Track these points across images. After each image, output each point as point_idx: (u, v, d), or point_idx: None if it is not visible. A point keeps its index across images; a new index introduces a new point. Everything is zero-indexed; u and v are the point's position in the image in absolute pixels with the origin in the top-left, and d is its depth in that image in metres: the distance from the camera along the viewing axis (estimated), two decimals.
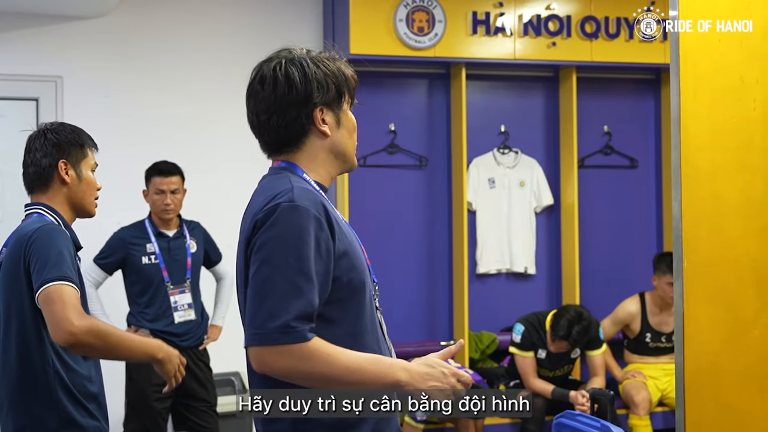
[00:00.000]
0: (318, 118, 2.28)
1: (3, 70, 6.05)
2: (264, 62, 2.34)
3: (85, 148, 3.12)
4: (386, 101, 6.66)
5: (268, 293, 2.08)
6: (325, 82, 2.29)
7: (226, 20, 6.47)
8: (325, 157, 2.33)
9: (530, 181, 6.89)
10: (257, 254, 2.12)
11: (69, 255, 2.88)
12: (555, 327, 5.78)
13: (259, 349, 2.08)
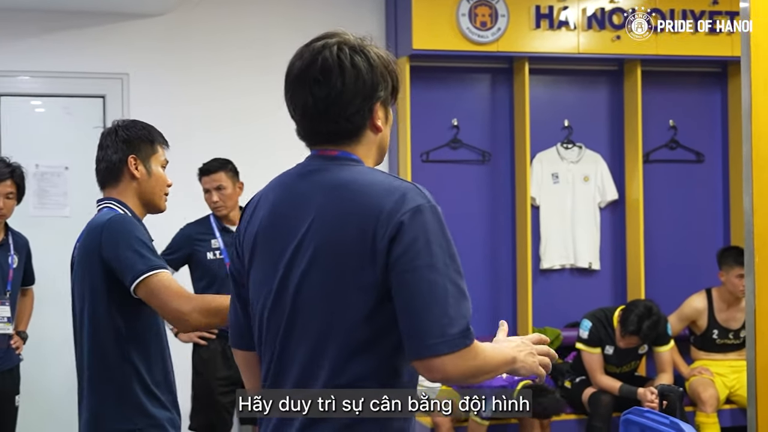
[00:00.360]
0: (377, 112, 2.14)
1: (71, 68, 6.14)
2: (319, 48, 2.17)
3: (155, 144, 3.13)
4: (449, 96, 6.64)
5: (442, 299, 1.97)
6: (386, 75, 2.16)
7: (288, 16, 6.49)
8: (374, 152, 2.20)
9: (594, 175, 6.83)
10: (416, 259, 1.97)
11: (146, 241, 2.91)
12: (625, 322, 5.73)
13: (441, 358, 1.97)
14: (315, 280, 2.04)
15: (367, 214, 2.01)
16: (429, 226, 2.00)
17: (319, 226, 2.05)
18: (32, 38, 6.10)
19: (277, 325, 2.09)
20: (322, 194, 2.07)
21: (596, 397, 5.88)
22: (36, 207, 6.00)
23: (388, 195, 2.02)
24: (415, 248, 1.98)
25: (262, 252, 2.14)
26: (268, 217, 2.14)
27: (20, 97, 6.18)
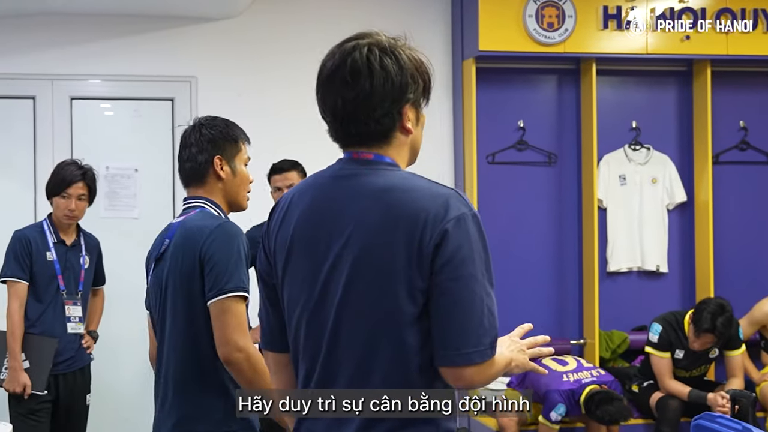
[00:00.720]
0: (407, 115, 2.14)
1: (140, 71, 6.21)
2: (349, 48, 2.17)
3: (239, 142, 3.12)
4: (515, 98, 6.62)
5: (479, 311, 2.01)
6: (416, 76, 2.13)
7: (354, 19, 6.50)
8: (405, 153, 2.22)
9: (662, 177, 6.76)
10: (458, 268, 2.00)
11: (245, 258, 2.92)
12: (698, 321, 5.64)
13: (472, 367, 2.02)
14: (361, 286, 2.04)
15: (413, 220, 2.02)
16: (472, 236, 2.04)
17: (363, 230, 2.05)
18: (102, 42, 6.18)
19: (320, 329, 2.08)
20: (364, 199, 2.08)
21: (664, 402, 5.81)
22: (107, 209, 6.08)
23: (432, 201, 2.04)
24: (459, 257, 2.00)
25: (300, 254, 2.12)
26: (304, 219, 2.13)
27: (91, 100, 6.27)
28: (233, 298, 2.85)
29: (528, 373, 5.83)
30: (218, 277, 2.86)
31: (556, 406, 5.58)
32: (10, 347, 4.71)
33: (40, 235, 4.84)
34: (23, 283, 4.75)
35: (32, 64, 6.08)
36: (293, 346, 2.17)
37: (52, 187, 4.81)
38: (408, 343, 2.02)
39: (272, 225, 2.21)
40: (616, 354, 6.60)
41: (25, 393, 4.69)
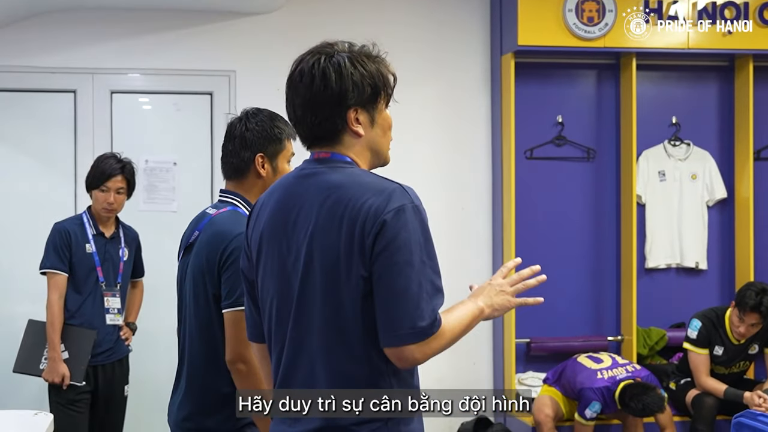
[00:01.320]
0: (351, 119, 2.29)
1: (179, 65, 6.24)
2: (304, 56, 2.34)
3: (283, 140, 3.08)
4: (554, 92, 6.59)
5: (415, 294, 2.15)
6: (360, 83, 2.28)
7: (394, 14, 6.51)
8: (363, 153, 2.34)
9: (702, 173, 6.70)
10: (395, 255, 2.15)
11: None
12: (742, 301, 5.61)
13: (410, 347, 2.16)
14: (315, 279, 2.22)
15: (357, 214, 2.18)
16: (410, 225, 2.17)
17: (317, 227, 2.23)
18: (142, 37, 6.22)
19: (286, 317, 2.27)
20: (319, 196, 2.25)
21: (700, 400, 5.77)
22: (146, 202, 6.12)
23: (376, 195, 2.19)
24: (395, 245, 2.16)
25: (268, 251, 2.32)
26: (271, 218, 2.33)
27: (131, 94, 6.31)
28: (238, 312, 2.84)
29: (564, 371, 5.82)
30: (233, 287, 2.87)
31: (591, 403, 5.56)
32: (49, 338, 4.76)
33: (80, 228, 4.88)
34: (63, 274, 4.80)
35: (73, 58, 6.13)
36: (267, 335, 2.36)
37: (92, 180, 4.84)
38: (355, 329, 2.20)
39: (249, 224, 2.42)
40: (653, 351, 6.56)
41: (64, 383, 4.74)
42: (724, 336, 5.78)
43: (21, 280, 6.02)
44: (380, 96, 2.33)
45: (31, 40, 6.06)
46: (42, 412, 3.56)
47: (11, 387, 5.76)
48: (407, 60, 6.46)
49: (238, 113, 3.16)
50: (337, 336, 2.21)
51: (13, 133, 6.16)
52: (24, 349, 4.95)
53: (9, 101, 6.14)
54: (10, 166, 6.13)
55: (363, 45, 2.37)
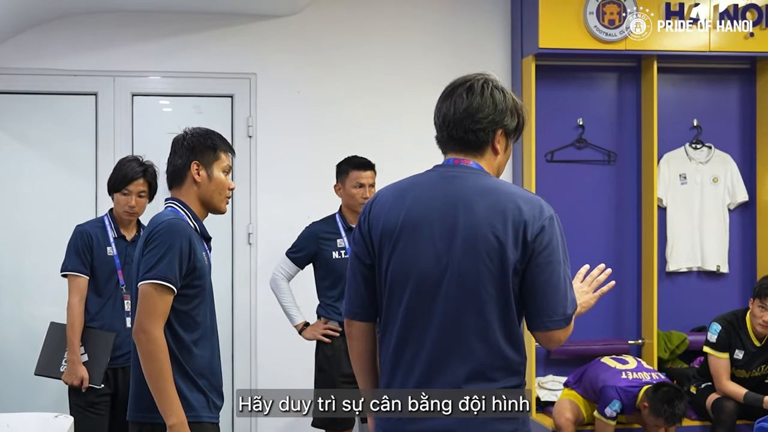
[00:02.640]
0: (499, 136, 2.69)
1: (200, 68, 6.26)
2: (468, 76, 2.71)
3: (218, 151, 3.39)
4: (574, 95, 6.57)
5: (564, 287, 2.59)
6: (515, 112, 2.73)
7: (415, 16, 6.51)
8: (492, 171, 2.71)
9: (724, 176, 6.67)
10: (552, 255, 2.56)
11: (180, 254, 3.18)
12: (761, 290, 5.60)
13: (559, 331, 2.61)
14: (469, 262, 2.55)
15: (519, 216, 2.56)
16: (558, 232, 2.61)
17: (472, 219, 2.56)
18: (163, 39, 6.24)
19: (415, 300, 2.58)
20: (472, 194, 2.59)
21: (720, 404, 5.74)
22: None
23: (530, 203, 2.60)
24: (551, 246, 2.57)
25: (411, 237, 2.60)
26: (415, 208, 2.62)
27: (151, 96, 6.33)
28: (152, 285, 3.15)
29: (586, 371, 5.80)
30: (146, 264, 3.18)
31: (611, 402, 5.53)
32: (69, 340, 4.77)
33: (101, 230, 4.88)
34: (84, 277, 4.81)
35: (94, 61, 6.15)
36: (386, 314, 2.64)
37: (113, 183, 4.85)
38: (504, 306, 2.57)
39: (374, 214, 2.68)
40: (674, 355, 6.53)
41: (83, 386, 4.75)
42: (745, 339, 5.75)
43: (43, 282, 6.05)
44: (519, 131, 2.74)
45: (52, 43, 6.09)
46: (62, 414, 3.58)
47: (33, 389, 5.80)
48: (427, 63, 6.46)
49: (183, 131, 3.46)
50: (481, 318, 2.55)
51: (34, 135, 6.19)
52: (45, 352, 4.96)
53: (31, 104, 6.17)
54: (31, 168, 6.16)
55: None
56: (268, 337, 6.25)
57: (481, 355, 2.54)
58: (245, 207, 6.26)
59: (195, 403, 3.22)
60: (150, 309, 3.14)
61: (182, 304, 3.22)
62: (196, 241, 3.27)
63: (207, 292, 3.32)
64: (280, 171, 6.28)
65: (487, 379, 2.56)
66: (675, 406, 5.35)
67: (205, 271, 3.30)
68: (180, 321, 3.22)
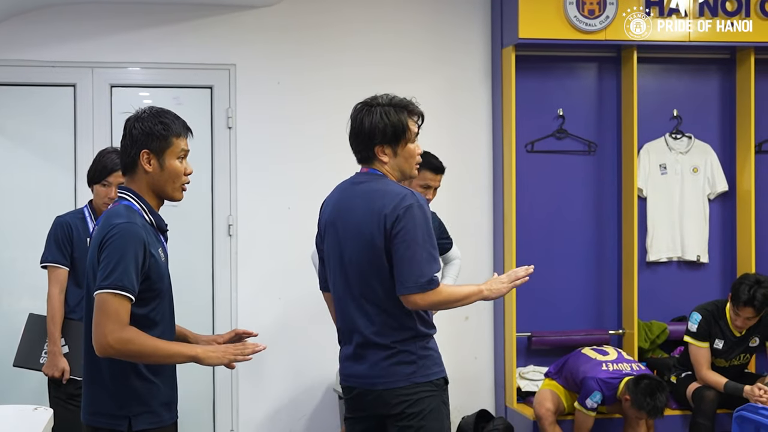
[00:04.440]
0: (379, 150, 3.54)
1: (179, 59, 6.23)
2: (357, 104, 3.62)
3: (170, 137, 3.16)
4: (555, 85, 6.57)
5: (418, 260, 3.35)
6: (383, 128, 3.52)
7: (394, 7, 6.49)
8: (396, 171, 3.58)
9: (704, 166, 6.69)
10: (407, 235, 3.37)
11: (135, 261, 3.02)
12: (736, 296, 5.60)
13: (414, 296, 3.36)
14: (358, 249, 3.49)
15: (381, 208, 3.43)
16: (415, 218, 3.39)
17: (360, 216, 3.48)
18: (142, 30, 6.20)
19: (340, 275, 3.57)
20: (363, 197, 3.51)
21: (700, 393, 5.76)
22: None
23: (394, 198, 3.42)
24: (406, 230, 3.38)
25: (331, 231, 3.60)
26: (334, 210, 3.61)
27: (130, 87, 6.29)
28: (106, 295, 2.98)
29: (566, 362, 5.81)
30: (101, 273, 3.00)
31: (592, 393, 5.54)
32: (50, 332, 4.74)
33: (81, 222, 4.86)
34: (64, 268, 4.78)
35: (73, 52, 6.11)
36: (331, 287, 3.65)
37: (93, 174, 4.82)
38: (385, 280, 3.45)
39: (323, 209, 3.71)
40: (655, 345, 6.55)
41: (64, 377, 4.72)
42: (725, 328, 5.77)
43: (21, 274, 6.02)
44: (401, 138, 3.50)
45: (30, 34, 6.05)
46: (42, 407, 3.55)
47: (11, 382, 5.76)
48: (407, 54, 6.45)
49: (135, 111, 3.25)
50: (378, 286, 3.46)
51: (12, 127, 6.15)
52: (24, 343, 4.93)
53: (8, 95, 6.13)
54: (10, 159, 6.12)
55: (396, 97, 3.57)
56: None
57: (378, 316, 3.45)
58: (225, 198, 6.24)
59: (157, 407, 3.13)
60: (113, 317, 2.97)
61: (140, 308, 3.07)
62: (152, 239, 3.13)
63: (165, 291, 3.19)
64: (260, 162, 6.26)
65: (386, 335, 3.43)
66: (657, 399, 5.36)
67: (162, 271, 3.15)
68: (138, 324, 3.06)
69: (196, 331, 3.53)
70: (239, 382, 6.23)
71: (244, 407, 6.23)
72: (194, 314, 5.86)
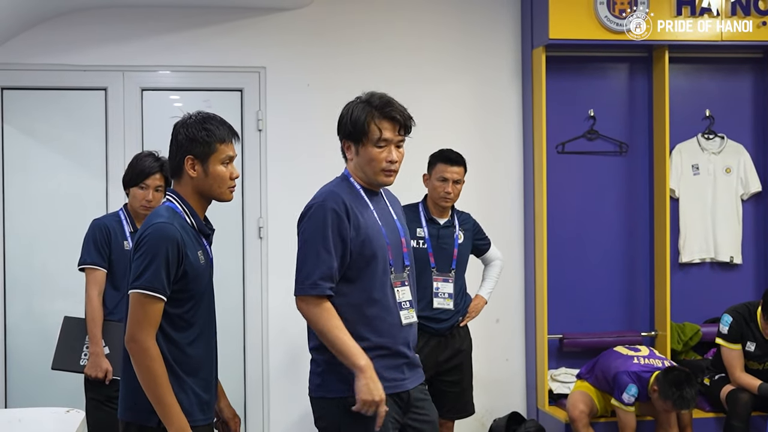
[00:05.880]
0: (344, 149, 3.49)
1: (209, 62, 6.25)
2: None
3: (213, 143, 3.18)
4: (585, 86, 6.54)
5: (302, 263, 3.28)
6: (343, 125, 3.45)
7: (423, 8, 6.49)
8: (359, 170, 3.45)
9: (737, 167, 6.63)
10: (300, 236, 3.38)
11: (166, 261, 3.07)
12: (767, 306, 5.55)
13: (297, 297, 3.28)
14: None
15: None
16: (306, 221, 3.32)
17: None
18: (172, 34, 6.23)
19: None
20: None
21: (734, 396, 5.71)
22: None
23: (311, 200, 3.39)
24: (300, 229, 3.34)
25: None
26: None
27: (161, 91, 6.32)
28: (139, 295, 3.05)
29: (598, 360, 5.78)
30: (134, 271, 3.09)
31: (628, 387, 5.48)
32: (91, 333, 4.75)
33: (118, 224, 4.87)
34: (102, 270, 4.79)
35: (104, 56, 6.15)
36: None
37: (131, 178, 4.82)
38: None
39: None
40: (688, 346, 6.50)
41: (107, 378, 4.73)
42: (756, 331, 5.72)
43: (52, 277, 6.06)
44: (362, 137, 3.33)
45: (61, 38, 6.09)
46: (74, 409, 3.58)
47: (45, 384, 5.80)
48: (437, 55, 6.44)
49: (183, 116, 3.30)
50: None
51: (44, 130, 6.19)
52: (62, 346, 4.93)
53: (41, 99, 6.17)
54: (42, 163, 6.16)
55: (384, 98, 3.43)
56: (279, 331, 6.24)
57: None
58: (256, 201, 6.26)
59: (188, 406, 3.14)
60: (139, 318, 3.04)
61: (174, 308, 3.12)
62: (191, 242, 3.17)
63: (203, 293, 3.21)
64: (290, 164, 6.27)
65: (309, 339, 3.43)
66: (683, 390, 5.29)
67: (199, 273, 3.18)
68: (172, 323, 3.12)
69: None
70: (270, 383, 6.24)
71: (275, 408, 6.24)
72: (225, 317, 5.81)
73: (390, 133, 3.33)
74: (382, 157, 3.33)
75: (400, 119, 3.34)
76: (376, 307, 3.31)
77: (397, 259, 3.42)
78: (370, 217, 3.37)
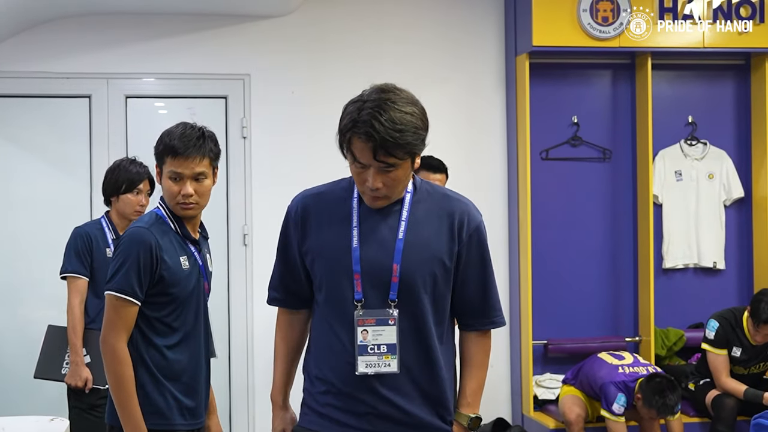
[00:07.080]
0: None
1: (194, 69, 6.25)
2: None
3: (164, 156, 3.19)
4: (569, 93, 6.57)
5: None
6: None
7: (408, 14, 6.50)
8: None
9: (719, 173, 6.66)
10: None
11: (138, 265, 3.07)
12: (756, 312, 5.58)
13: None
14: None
15: None
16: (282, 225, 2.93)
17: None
18: (156, 41, 6.23)
19: None
20: None
21: (720, 401, 5.73)
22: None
23: None
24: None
25: None
26: None
27: (145, 98, 6.32)
28: (111, 296, 3.08)
29: (582, 367, 5.79)
30: (109, 274, 3.12)
31: (617, 397, 5.49)
32: (71, 342, 4.74)
33: (100, 233, 4.86)
34: (84, 279, 4.77)
35: (88, 63, 6.14)
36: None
37: (122, 185, 4.78)
38: None
39: None
40: (672, 351, 6.53)
41: (87, 387, 4.72)
42: (742, 336, 5.74)
43: (36, 285, 6.04)
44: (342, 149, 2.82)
45: (45, 45, 6.08)
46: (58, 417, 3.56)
47: (28, 393, 5.78)
48: (421, 62, 6.46)
49: None
50: None
51: (28, 138, 6.18)
52: (44, 355, 4.93)
53: (24, 107, 6.16)
54: (25, 171, 6.15)
55: (362, 112, 2.87)
56: (265, 338, 6.23)
57: None
58: (240, 208, 6.26)
59: (167, 410, 3.14)
60: (111, 320, 3.06)
61: (154, 311, 3.12)
62: (172, 247, 3.16)
63: (186, 297, 3.18)
64: (275, 171, 6.27)
65: None
66: (666, 397, 5.31)
67: (180, 278, 3.15)
68: (152, 327, 3.12)
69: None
70: (255, 390, 6.24)
71: (260, 416, 6.23)
72: (210, 323, 5.86)
73: (361, 153, 2.78)
74: (355, 172, 2.84)
75: (364, 142, 2.77)
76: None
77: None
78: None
